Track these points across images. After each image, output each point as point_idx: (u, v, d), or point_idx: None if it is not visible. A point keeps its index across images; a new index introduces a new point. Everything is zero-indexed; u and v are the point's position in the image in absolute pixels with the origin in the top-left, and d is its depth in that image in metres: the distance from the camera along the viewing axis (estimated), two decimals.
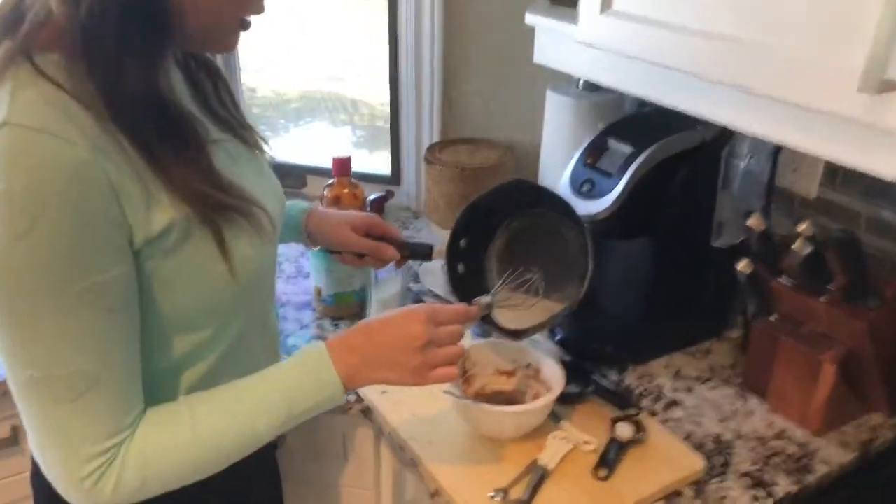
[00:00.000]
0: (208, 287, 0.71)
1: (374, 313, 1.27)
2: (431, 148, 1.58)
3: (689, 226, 1.15)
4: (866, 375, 1.03)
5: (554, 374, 1.02)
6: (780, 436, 1.05)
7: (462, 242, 1.06)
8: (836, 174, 1.18)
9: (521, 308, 1.02)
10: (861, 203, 1.16)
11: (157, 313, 0.69)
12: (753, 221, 0.99)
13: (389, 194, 1.66)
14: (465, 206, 1.04)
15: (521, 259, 1.05)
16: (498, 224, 1.09)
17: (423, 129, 1.65)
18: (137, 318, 0.67)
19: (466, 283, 1.05)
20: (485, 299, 0.94)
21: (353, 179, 1.31)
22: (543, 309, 1.02)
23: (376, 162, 1.80)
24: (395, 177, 1.74)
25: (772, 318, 1.07)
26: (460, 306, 0.86)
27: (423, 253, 1.07)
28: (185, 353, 0.74)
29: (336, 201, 1.29)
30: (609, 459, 0.96)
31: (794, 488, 0.96)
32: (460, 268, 1.06)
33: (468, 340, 1.06)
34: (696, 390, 1.14)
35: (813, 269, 0.98)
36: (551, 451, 0.97)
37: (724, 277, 1.13)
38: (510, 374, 1.08)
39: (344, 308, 1.30)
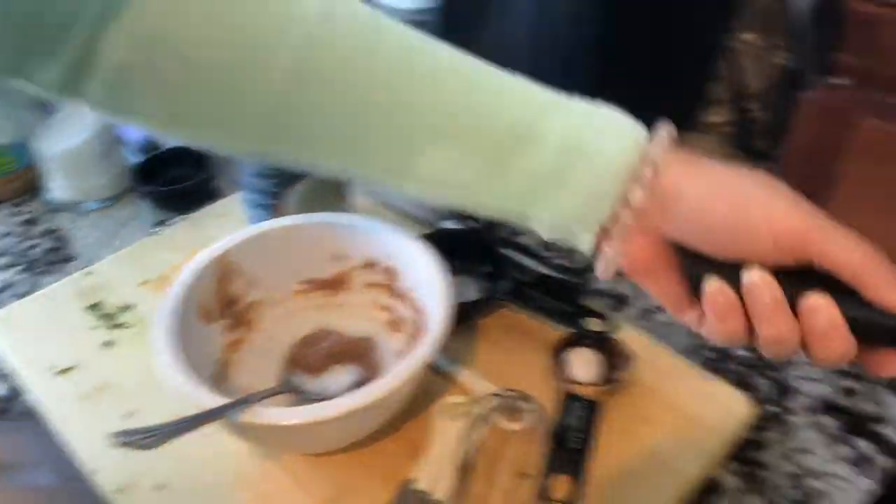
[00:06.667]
0: None
1: (59, 186, 0.64)
2: None
3: None
4: None
5: (426, 272, 0.46)
6: None
7: None
8: None
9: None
10: None
11: None
12: None
13: None
14: None
15: None
16: None
17: None
18: None
19: None
20: None
21: None
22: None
23: None
24: None
25: (839, 82, 0.53)
26: None
27: None
28: None
29: None
30: (570, 453, 0.43)
31: None
32: None
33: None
34: None
35: None
36: (440, 454, 0.43)
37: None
38: (330, 285, 0.51)
39: None
